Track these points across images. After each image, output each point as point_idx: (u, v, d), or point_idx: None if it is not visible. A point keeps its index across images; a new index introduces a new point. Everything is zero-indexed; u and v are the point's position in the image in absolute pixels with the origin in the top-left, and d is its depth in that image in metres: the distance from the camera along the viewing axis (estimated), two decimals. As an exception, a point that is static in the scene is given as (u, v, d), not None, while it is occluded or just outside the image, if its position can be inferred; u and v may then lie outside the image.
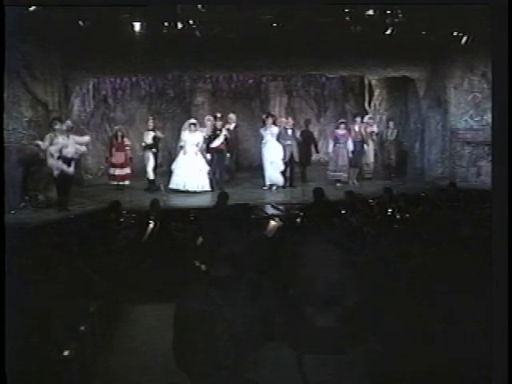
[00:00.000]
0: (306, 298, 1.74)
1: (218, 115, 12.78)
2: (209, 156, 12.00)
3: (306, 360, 1.66)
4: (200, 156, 11.82)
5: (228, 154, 12.45)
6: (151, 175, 12.21)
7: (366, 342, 1.72)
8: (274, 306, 2.07)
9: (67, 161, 9.82)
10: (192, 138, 11.74)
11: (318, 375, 1.66)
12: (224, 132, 12.11)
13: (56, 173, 9.79)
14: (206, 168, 11.82)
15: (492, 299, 2.18)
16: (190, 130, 11.76)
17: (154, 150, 12.24)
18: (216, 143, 11.98)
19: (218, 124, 12.32)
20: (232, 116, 13.04)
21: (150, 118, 12.93)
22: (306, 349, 1.68)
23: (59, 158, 9.73)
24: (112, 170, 12.31)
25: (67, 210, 9.92)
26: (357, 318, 1.76)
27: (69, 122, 10.60)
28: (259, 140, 12.43)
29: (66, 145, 9.83)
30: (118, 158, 12.23)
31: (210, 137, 12.10)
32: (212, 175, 11.97)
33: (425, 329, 2.41)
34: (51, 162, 9.75)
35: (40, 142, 9.65)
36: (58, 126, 9.77)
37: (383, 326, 2.10)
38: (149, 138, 12.26)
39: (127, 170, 12.36)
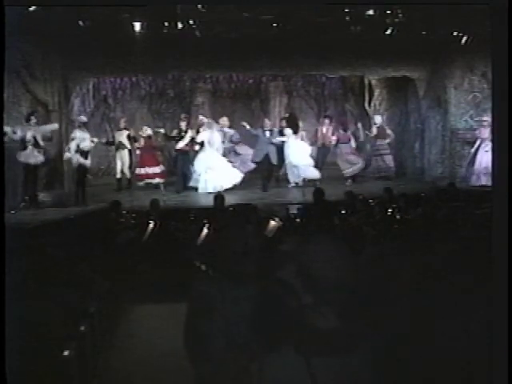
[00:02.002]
0: (309, 300, 1.74)
1: (182, 116, 12.58)
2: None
3: (311, 362, 1.66)
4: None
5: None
6: (120, 174, 12.23)
7: (368, 343, 1.72)
8: (278, 307, 2.07)
9: (84, 154, 10.27)
10: (212, 138, 11.66)
11: (324, 377, 1.66)
12: (189, 133, 11.84)
13: (74, 167, 10.33)
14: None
15: (492, 299, 2.18)
16: (205, 130, 11.71)
17: (128, 148, 12.24)
18: (180, 145, 11.81)
19: (183, 125, 12.06)
20: (202, 118, 12.48)
21: (122, 119, 12.89)
22: (311, 350, 1.68)
23: (77, 151, 10.18)
24: (143, 170, 12.19)
25: (86, 204, 10.16)
26: (359, 319, 1.76)
27: (82, 117, 10.84)
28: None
29: (83, 139, 10.26)
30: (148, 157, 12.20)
31: (174, 138, 12.03)
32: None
33: (424, 329, 2.41)
34: (68, 155, 10.26)
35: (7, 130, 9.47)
36: (33, 120, 9.76)
37: (384, 326, 2.10)
38: (123, 136, 12.26)
39: (157, 169, 12.29)
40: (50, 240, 5.74)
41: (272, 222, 6.52)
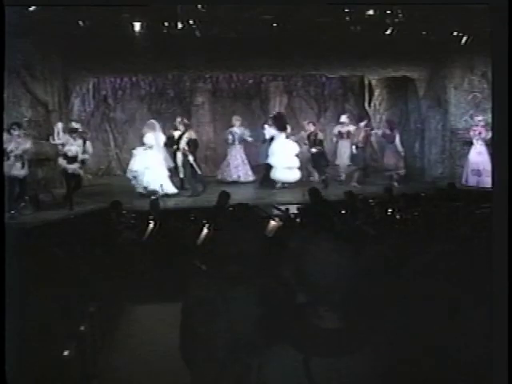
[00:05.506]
0: (309, 300, 1.74)
1: (178, 119, 12.21)
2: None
3: (312, 362, 1.66)
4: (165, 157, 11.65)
5: (191, 158, 11.83)
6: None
7: (370, 343, 1.72)
8: (278, 307, 2.07)
9: (69, 159, 10.08)
10: (156, 139, 11.43)
11: (324, 378, 1.66)
12: (186, 135, 11.74)
13: (60, 170, 10.26)
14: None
15: (492, 299, 2.18)
16: (155, 131, 11.42)
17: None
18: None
19: (181, 127, 11.88)
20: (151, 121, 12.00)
21: (178, 119, 12.35)
22: (312, 351, 1.68)
23: (61, 155, 10.08)
24: None
25: (71, 208, 9.94)
26: (359, 319, 1.76)
27: (73, 124, 10.69)
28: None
29: (69, 143, 10.08)
30: None
31: (177, 140, 11.84)
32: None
33: (425, 329, 2.41)
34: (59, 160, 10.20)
35: None
36: (16, 132, 9.11)
37: (384, 326, 2.10)
38: (183, 140, 11.91)
39: None
40: (50, 240, 5.74)
41: (272, 222, 6.51)
